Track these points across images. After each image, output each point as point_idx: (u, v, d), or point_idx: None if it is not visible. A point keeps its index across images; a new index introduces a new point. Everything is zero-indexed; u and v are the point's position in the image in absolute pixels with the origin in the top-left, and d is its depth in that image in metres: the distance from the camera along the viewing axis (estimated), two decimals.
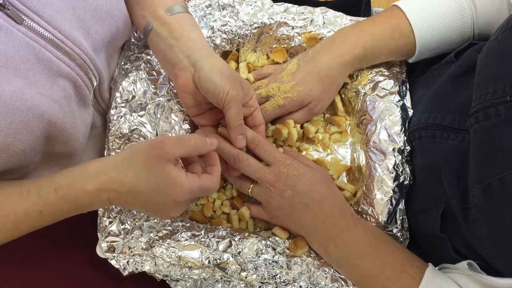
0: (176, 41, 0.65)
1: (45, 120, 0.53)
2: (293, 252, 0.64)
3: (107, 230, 0.66)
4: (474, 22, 0.68)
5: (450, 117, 0.62)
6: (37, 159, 0.57)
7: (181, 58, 0.64)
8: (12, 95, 0.48)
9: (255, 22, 0.78)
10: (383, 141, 0.67)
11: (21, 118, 0.50)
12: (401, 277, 0.59)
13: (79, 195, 0.53)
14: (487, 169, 0.51)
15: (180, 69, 0.65)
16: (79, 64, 0.57)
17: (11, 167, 0.54)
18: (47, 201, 0.53)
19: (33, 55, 0.51)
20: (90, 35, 0.59)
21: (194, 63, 0.64)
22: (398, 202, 0.65)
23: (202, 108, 0.69)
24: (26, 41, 0.50)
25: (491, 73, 0.54)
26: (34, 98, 0.50)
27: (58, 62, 0.54)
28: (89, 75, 0.60)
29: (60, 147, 0.59)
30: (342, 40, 0.71)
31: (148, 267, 0.65)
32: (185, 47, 0.64)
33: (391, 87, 0.72)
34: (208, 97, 0.64)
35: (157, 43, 0.66)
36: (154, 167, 0.54)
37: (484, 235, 0.52)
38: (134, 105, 0.71)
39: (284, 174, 0.65)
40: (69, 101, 0.57)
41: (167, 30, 0.65)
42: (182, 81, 0.65)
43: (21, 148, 0.51)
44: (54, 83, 0.54)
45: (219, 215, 0.72)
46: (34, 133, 0.52)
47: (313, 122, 0.77)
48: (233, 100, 0.62)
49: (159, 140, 0.56)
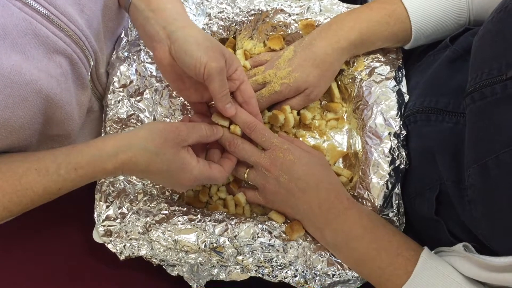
0: (152, 13, 0.63)
1: (42, 95, 0.53)
2: (289, 236, 0.65)
3: (103, 215, 0.66)
4: (470, 8, 0.69)
5: (445, 100, 0.62)
6: (35, 139, 0.57)
7: (157, 30, 0.62)
8: (11, 69, 0.48)
9: (252, 9, 0.78)
10: (379, 126, 0.68)
11: (19, 92, 0.50)
12: (396, 260, 0.59)
13: (98, 172, 0.56)
14: (483, 148, 0.51)
15: (157, 41, 0.62)
16: (75, 41, 0.57)
17: (11, 146, 0.54)
18: (67, 179, 0.54)
19: (30, 30, 0.51)
20: (84, 12, 0.59)
21: (169, 34, 0.61)
22: (394, 186, 0.65)
23: (185, 82, 0.65)
24: (22, 16, 0.50)
25: (487, 54, 0.54)
26: (32, 73, 0.51)
27: (54, 38, 0.54)
28: (85, 52, 0.60)
29: (56, 127, 0.59)
30: (339, 26, 0.71)
31: (144, 251, 0.65)
32: (161, 19, 0.62)
33: (387, 73, 0.72)
34: (186, 71, 0.61)
35: (136, 16, 0.65)
36: (169, 151, 0.58)
37: (480, 215, 0.52)
38: (132, 90, 0.71)
39: (280, 158, 0.65)
40: (66, 78, 0.57)
41: (145, 3, 0.64)
42: (159, 54, 0.62)
43: (19, 124, 0.51)
44: (51, 59, 0.54)
45: (215, 201, 0.72)
46: (32, 109, 0.52)
47: (310, 109, 0.77)
48: (213, 73, 0.59)
49: (175, 125, 0.60)
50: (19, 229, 0.64)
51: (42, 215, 0.58)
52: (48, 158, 0.54)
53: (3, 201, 0.52)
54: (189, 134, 0.60)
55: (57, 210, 0.60)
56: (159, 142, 0.57)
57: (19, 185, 0.52)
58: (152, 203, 0.67)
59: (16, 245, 0.73)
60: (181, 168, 0.60)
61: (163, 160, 0.58)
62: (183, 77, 0.65)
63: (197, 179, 0.61)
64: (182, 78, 0.65)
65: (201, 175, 0.61)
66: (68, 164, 0.54)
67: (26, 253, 0.73)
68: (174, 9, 0.64)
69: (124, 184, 0.68)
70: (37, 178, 0.53)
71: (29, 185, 0.53)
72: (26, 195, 0.53)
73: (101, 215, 0.66)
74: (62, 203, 0.59)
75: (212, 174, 0.63)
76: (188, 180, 0.61)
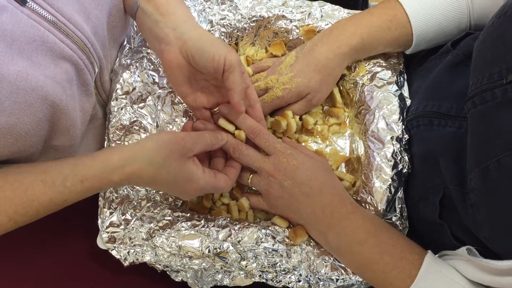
0: (162, 17, 0.64)
1: (48, 102, 0.53)
2: (293, 241, 0.65)
3: (107, 221, 0.66)
4: (471, 13, 0.69)
5: (447, 104, 0.62)
6: (40, 146, 0.57)
7: (166, 33, 0.63)
8: (17, 75, 0.49)
9: (254, 15, 0.79)
10: (382, 130, 0.68)
11: (25, 98, 0.50)
12: (400, 263, 0.59)
13: (104, 184, 0.57)
14: (484, 152, 0.51)
15: (167, 43, 0.63)
16: (81, 48, 0.58)
17: (16, 152, 0.54)
18: (73, 191, 0.55)
19: (38, 36, 0.52)
20: (90, 19, 0.60)
21: (181, 35, 0.62)
22: (397, 190, 0.65)
23: (193, 86, 0.66)
24: (30, 23, 0.51)
25: (487, 58, 0.54)
26: (38, 79, 0.51)
27: (61, 44, 0.55)
28: (91, 59, 0.61)
29: (61, 134, 0.60)
30: (340, 32, 0.72)
31: (148, 257, 0.65)
32: (170, 22, 0.63)
33: (389, 77, 0.72)
34: (203, 67, 0.61)
35: (144, 21, 0.66)
36: (174, 163, 0.59)
37: (482, 219, 0.53)
38: (135, 97, 0.72)
39: (283, 163, 0.65)
40: (71, 84, 0.58)
41: (153, 7, 0.65)
42: (168, 55, 0.63)
43: (25, 130, 0.52)
44: (57, 66, 0.55)
45: (218, 206, 0.73)
46: (37, 115, 0.53)
47: (312, 114, 0.77)
48: (234, 63, 0.59)
49: (180, 136, 0.60)
50: (23, 234, 0.64)
51: (46, 222, 0.58)
52: (55, 169, 0.55)
53: (9, 212, 0.53)
54: (194, 144, 0.61)
55: (61, 216, 0.60)
56: (165, 153, 0.58)
57: (25, 196, 0.53)
58: (155, 209, 0.67)
59: (20, 251, 0.73)
60: (187, 179, 0.61)
61: (169, 171, 0.58)
62: (190, 80, 0.65)
63: (203, 189, 0.63)
64: (189, 81, 0.65)
65: (206, 185, 0.62)
66: (75, 176, 0.55)
67: (30, 259, 0.73)
68: (184, 14, 0.65)
69: (128, 191, 0.68)
70: (43, 189, 0.54)
71: (35, 196, 0.53)
72: (32, 206, 0.53)
73: (105, 222, 0.66)
74: (66, 210, 0.59)
75: (218, 184, 0.63)
76: (194, 190, 0.62)
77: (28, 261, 0.73)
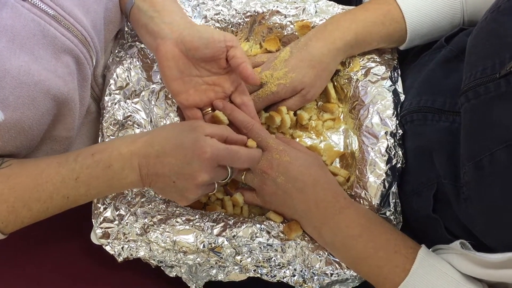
0: (157, 13, 0.65)
1: (50, 96, 0.54)
2: (287, 236, 0.65)
3: (101, 217, 0.66)
4: (464, 8, 0.69)
5: (441, 99, 0.63)
6: (39, 139, 0.58)
7: (162, 27, 0.64)
8: (20, 69, 0.49)
9: (248, 11, 0.79)
10: (376, 125, 0.68)
11: (28, 93, 0.50)
12: (394, 258, 0.59)
13: (113, 158, 0.56)
14: (477, 146, 0.51)
15: (161, 37, 0.64)
16: (81, 41, 0.58)
17: (18, 146, 0.55)
18: (84, 165, 0.56)
19: (39, 31, 0.52)
20: (89, 13, 0.60)
21: (177, 29, 0.63)
22: (391, 185, 0.66)
23: (186, 83, 0.66)
24: (31, 17, 0.51)
25: (481, 53, 0.55)
26: (41, 73, 0.51)
27: (62, 38, 0.55)
28: (90, 53, 0.61)
29: (61, 126, 0.61)
30: (334, 27, 0.72)
31: (143, 252, 0.65)
32: (166, 17, 0.65)
33: (383, 73, 0.72)
34: (202, 52, 0.62)
35: (139, 17, 0.66)
36: (184, 131, 0.59)
37: (475, 212, 0.53)
38: (128, 92, 0.71)
39: (276, 160, 0.65)
40: (72, 78, 0.58)
41: (149, 4, 0.66)
42: (163, 48, 0.63)
43: (28, 124, 0.52)
44: (59, 59, 0.55)
45: (213, 201, 0.73)
46: (40, 109, 0.53)
47: (306, 109, 0.77)
48: (234, 39, 0.63)
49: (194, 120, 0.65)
50: (17, 231, 0.64)
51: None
52: (71, 152, 0.58)
53: (24, 197, 0.54)
54: (207, 124, 0.62)
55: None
56: (176, 124, 0.63)
57: (40, 178, 0.55)
58: (150, 204, 0.67)
59: (13, 248, 0.73)
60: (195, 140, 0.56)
61: (177, 137, 0.58)
62: (184, 75, 0.65)
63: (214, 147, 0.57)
64: (183, 76, 0.65)
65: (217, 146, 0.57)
66: (86, 151, 0.57)
67: (25, 255, 0.73)
68: (179, 11, 0.67)
69: None
70: (57, 169, 0.55)
71: (49, 177, 0.55)
72: (46, 189, 0.55)
73: (99, 217, 0.66)
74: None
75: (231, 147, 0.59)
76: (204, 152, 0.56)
77: (22, 258, 0.73)
